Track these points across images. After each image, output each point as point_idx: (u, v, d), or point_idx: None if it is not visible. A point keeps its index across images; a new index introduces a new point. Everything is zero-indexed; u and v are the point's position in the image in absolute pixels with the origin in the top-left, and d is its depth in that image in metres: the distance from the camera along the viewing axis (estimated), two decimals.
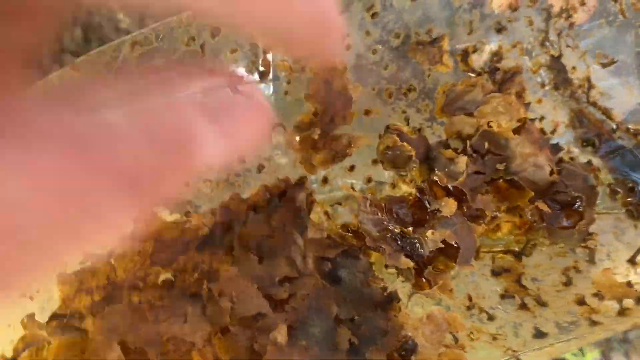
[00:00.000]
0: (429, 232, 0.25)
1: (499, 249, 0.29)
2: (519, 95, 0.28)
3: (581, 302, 0.26)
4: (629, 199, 0.31)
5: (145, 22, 0.55)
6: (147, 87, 0.09)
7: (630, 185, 0.31)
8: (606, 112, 0.33)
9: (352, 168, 0.29)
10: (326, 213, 0.29)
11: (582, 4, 0.31)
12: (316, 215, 0.29)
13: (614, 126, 0.33)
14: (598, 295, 0.26)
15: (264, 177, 0.29)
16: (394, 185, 0.30)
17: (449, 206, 0.26)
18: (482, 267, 0.28)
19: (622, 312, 0.25)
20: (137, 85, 0.09)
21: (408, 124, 0.30)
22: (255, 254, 0.26)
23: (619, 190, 0.31)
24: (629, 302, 0.25)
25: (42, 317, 0.24)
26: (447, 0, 0.29)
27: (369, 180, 0.30)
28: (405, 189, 0.29)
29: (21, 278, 0.07)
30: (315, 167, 0.28)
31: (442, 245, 0.25)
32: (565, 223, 0.27)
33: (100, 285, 0.25)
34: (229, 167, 0.28)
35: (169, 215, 0.27)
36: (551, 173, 0.27)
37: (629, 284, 0.26)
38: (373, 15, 0.27)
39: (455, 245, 0.25)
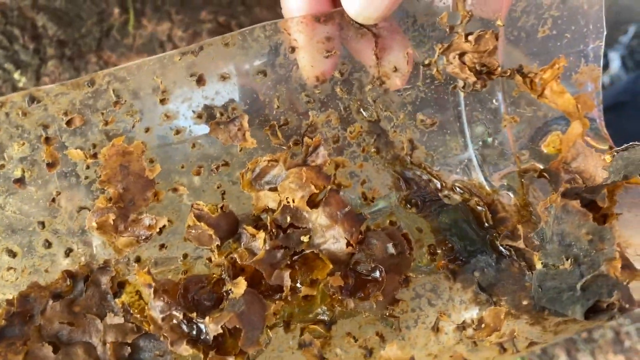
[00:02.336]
0: (207, 319, 0.25)
1: (310, 320, 0.29)
2: (319, 168, 0.29)
3: None
4: (445, 261, 0.31)
5: (42, 80, 0.56)
6: None
7: (449, 245, 0.32)
8: (431, 172, 0.34)
9: (162, 247, 0.30)
10: (138, 293, 0.29)
11: (395, 70, 0.32)
12: (128, 296, 0.29)
13: (439, 185, 0.34)
14: None
15: (71, 261, 0.29)
16: (210, 260, 0.30)
17: (239, 287, 0.26)
18: (291, 340, 0.29)
19: None
20: None
21: (223, 199, 0.30)
22: (50, 344, 0.27)
23: (438, 251, 0.32)
24: None
25: None
26: (247, 80, 0.29)
27: (185, 256, 0.30)
28: (216, 262, 0.29)
29: None
30: (122, 250, 0.29)
31: (221, 331, 0.25)
32: (363, 294, 0.28)
33: None
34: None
35: None
36: (348, 244, 0.28)
37: (412, 359, 0.26)
38: (162, 101, 0.28)
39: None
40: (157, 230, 0.28)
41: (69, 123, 0.26)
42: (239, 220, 0.30)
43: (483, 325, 0.28)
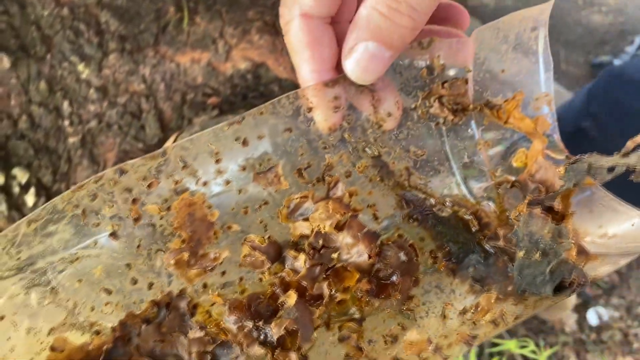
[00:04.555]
0: (272, 324, 0.33)
1: (345, 319, 0.37)
2: (340, 200, 0.37)
3: (395, 358, 0.34)
4: (445, 262, 0.39)
5: (103, 72, 0.63)
6: None
7: (446, 249, 0.40)
8: (426, 192, 0.42)
9: (223, 273, 0.38)
10: (207, 312, 0.37)
11: (389, 115, 0.40)
12: (200, 315, 0.37)
13: (433, 202, 0.42)
14: (408, 352, 0.34)
15: (154, 292, 0.37)
16: (261, 280, 0.38)
17: (290, 298, 0.34)
18: (332, 336, 0.37)
19: None
20: None
21: (266, 230, 0.38)
22: (149, 357, 0.34)
23: (438, 255, 0.40)
24: (427, 354, 0.34)
25: None
26: (278, 137, 0.37)
27: (241, 279, 0.38)
28: (267, 281, 0.37)
29: None
30: (193, 279, 0.36)
31: (283, 332, 0.33)
32: (384, 294, 0.36)
33: None
34: None
35: (80, 335, 0.35)
36: (369, 257, 0.36)
37: (429, 340, 0.35)
38: (217, 161, 0.36)
39: (296, 329, 0.33)
40: (221, 261, 0.36)
41: (149, 186, 0.34)
42: (282, 246, 0.38)
43: (479, 309, 0.36)
